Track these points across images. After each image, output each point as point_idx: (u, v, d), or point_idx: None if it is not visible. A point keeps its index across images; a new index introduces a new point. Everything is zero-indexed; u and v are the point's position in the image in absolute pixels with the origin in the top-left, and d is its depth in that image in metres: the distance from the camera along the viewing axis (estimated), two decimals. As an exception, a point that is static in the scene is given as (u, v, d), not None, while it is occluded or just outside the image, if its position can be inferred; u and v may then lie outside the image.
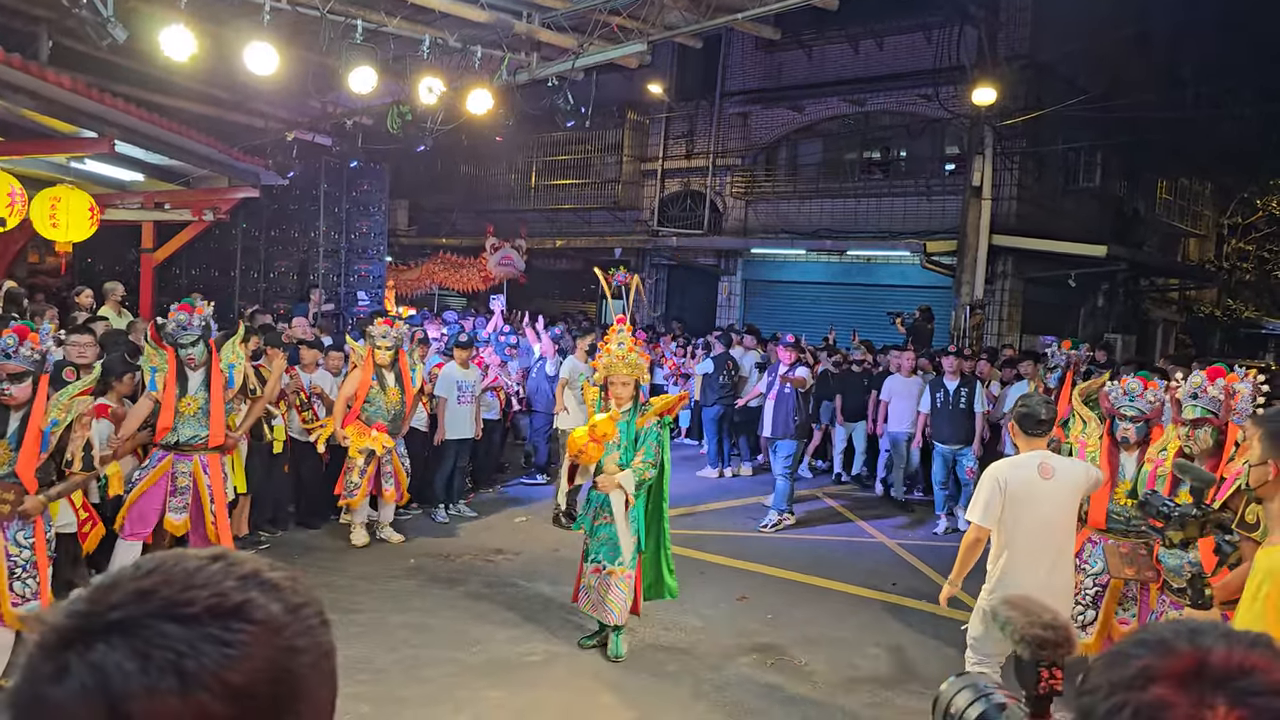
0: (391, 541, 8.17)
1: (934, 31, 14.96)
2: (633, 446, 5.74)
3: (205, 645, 0.76)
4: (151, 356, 6.34)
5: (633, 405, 5.81)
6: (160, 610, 0.77)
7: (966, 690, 1.36)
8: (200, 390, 6.33)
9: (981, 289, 14.60)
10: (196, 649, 0.75)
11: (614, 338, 5.83)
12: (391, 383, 8.05)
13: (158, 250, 12.81)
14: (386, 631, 6.06)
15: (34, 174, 10.42)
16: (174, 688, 0.73)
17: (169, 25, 8.65)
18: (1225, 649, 0.85)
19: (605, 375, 5.79)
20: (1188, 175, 21.20)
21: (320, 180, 15.05)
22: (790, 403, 9.51)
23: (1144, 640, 0.89)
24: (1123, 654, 0.88)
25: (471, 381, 9.25)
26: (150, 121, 9.62)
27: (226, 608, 0.78)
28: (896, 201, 16.32)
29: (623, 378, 5.74)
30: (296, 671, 0.80)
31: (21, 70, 7.80)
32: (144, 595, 0.78)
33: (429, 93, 10.49)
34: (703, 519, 9.76)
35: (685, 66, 18.49)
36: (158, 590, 0.79)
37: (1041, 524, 4.52)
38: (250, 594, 0.80)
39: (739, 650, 6.12)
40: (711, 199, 18.41)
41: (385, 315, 9.25)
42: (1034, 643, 1.30)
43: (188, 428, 6.28)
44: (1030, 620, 1.32)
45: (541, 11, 10.14)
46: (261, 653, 0.78)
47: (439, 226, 21.23)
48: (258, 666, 0.77)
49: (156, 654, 0.74)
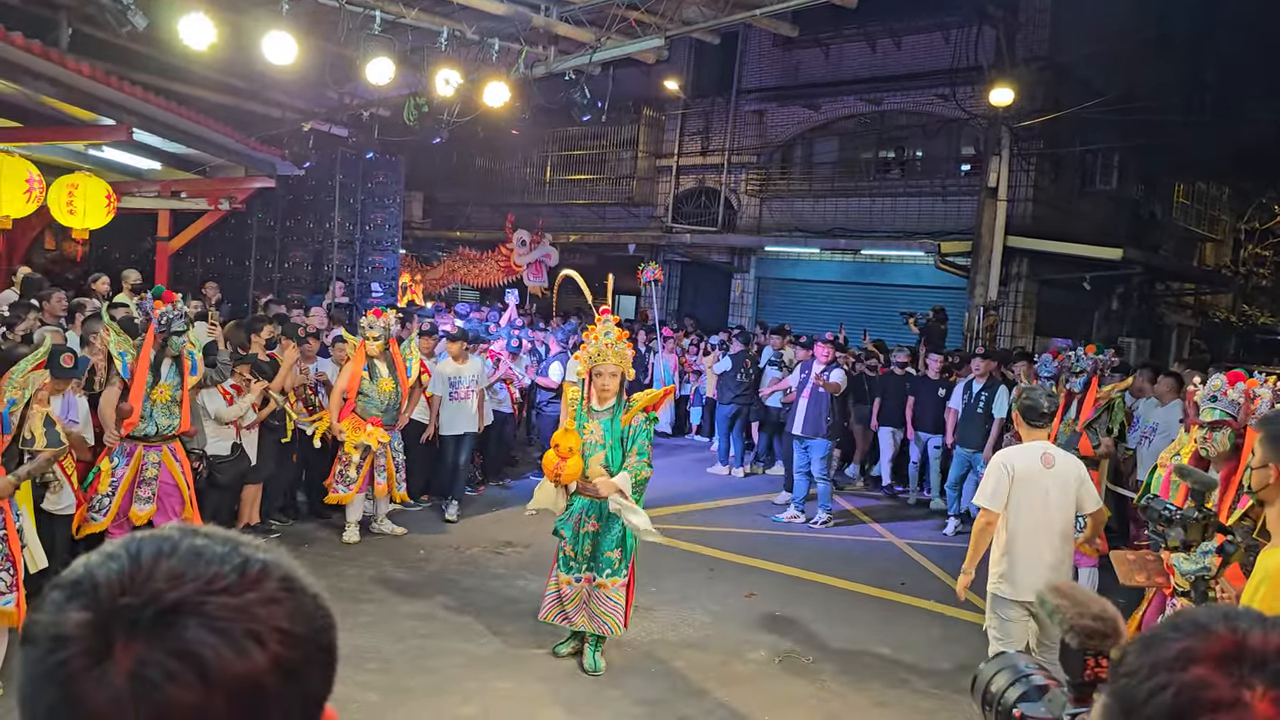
0: (394, 534, 8.17)
1: (952, 31, 14.90)
2: (619, 445, 5.42)
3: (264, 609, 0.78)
4: (118, 342, 6.15)
5: (616, 401, 5.48)
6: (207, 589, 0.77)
7: (1006, 671, 1.36)
8: (172, 377, 6.27)
9: (996, 290, 14.54)
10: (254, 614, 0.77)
11: (600, 326, 5.51)
12: (385, 373, 7.98)
13: (173, 239, 12.85)
14: (395, 622, 6.08)
15: (52, 160, 10.48)
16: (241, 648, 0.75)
17: (188, 13, 8.68)
18: (1262, 632, 0.87)
19: (591, 366, 5.47)
20: (1205, 179, 21.06)
21: (336, 171, 15.07)
22: (824, 402, 9.48)
23: (1180, 624, 0.90)
24: (1160, 637, 0.90)
25: (467, 376, 9.09)
26: (168, 109, 9.64)
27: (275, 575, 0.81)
28: (911, 201, 16.27)
29: (611, 368, 5.42)
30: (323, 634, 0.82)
31: (42, 57, 7.83)
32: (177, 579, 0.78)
33: (446, 85, 10.49)
34: (712, 516, 9.75)
35: (702, 63, 18.46)
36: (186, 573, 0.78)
37: (1043, 510, 4.78)
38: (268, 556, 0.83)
39: (748, 646, 6.12)
40: (726, 196, 18.39)
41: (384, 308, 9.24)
42: (1083, 632, 1.31)
43: (162, 416, 6.20)
44: (1080, 610, 1.33)
45: (560, 5, 10.14)
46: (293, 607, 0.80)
47: (453, 219, 21.26)
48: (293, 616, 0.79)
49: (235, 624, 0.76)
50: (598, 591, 5.45)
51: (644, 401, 5.46)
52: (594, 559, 5.47)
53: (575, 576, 5.47)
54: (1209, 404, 4.34)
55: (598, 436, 5.39)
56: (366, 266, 15.47)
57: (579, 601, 5.46)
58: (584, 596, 5.46)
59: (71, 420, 5.70)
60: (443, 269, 17.38)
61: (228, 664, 0.74)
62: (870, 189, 16.87)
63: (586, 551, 5.46)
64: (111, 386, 6.11)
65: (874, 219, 16.56)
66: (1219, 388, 4.32)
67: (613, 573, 5.45)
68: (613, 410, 5.46)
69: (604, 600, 5.45)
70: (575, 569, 5.48)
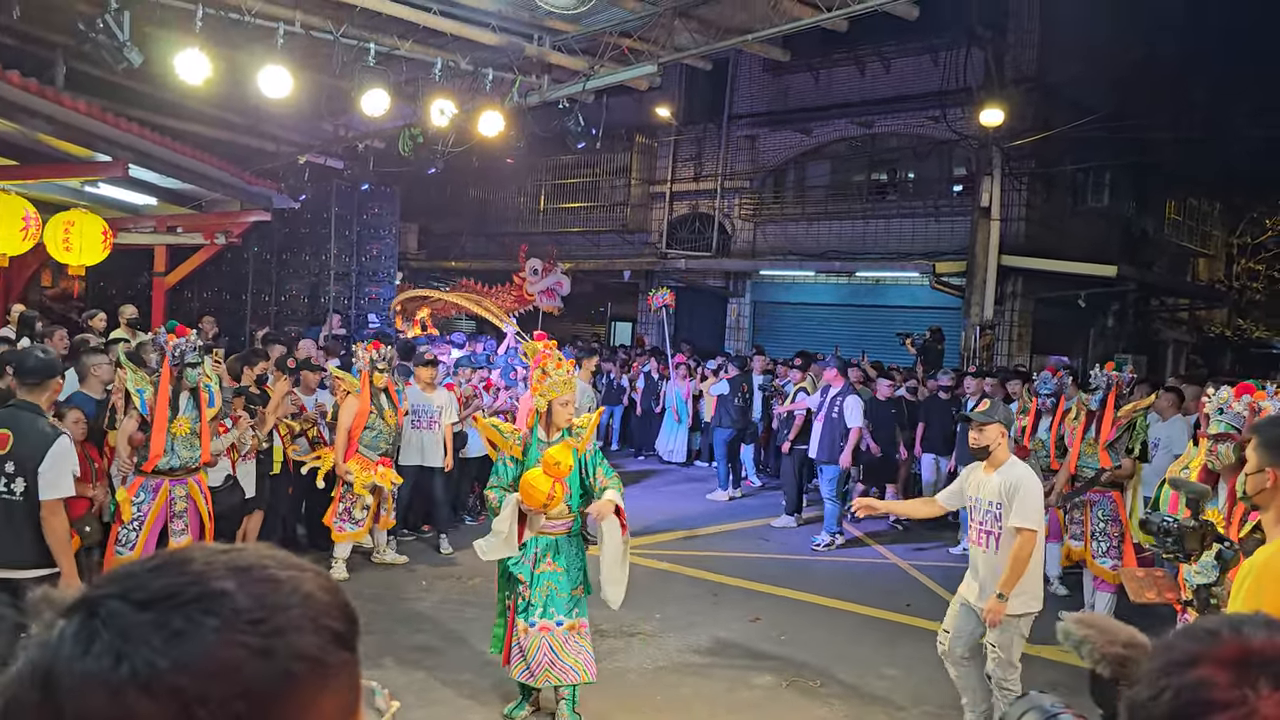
0: (396, 563, 8.11)
1: (941, 54, 15.04)
2: (577, 474, 5.06)
3: (155, 635, 0.68)
4: (135, 379, 6.07)
5: (564, 431, 5.13)
6: (125, 591, 0.71)
7: (1033, 712, 1.33)
8: (190, 410, 6.23)
9: (991, 309, 14.59)
10: (146, 638, 0.68)
11: (549, 357, 5.18)
12: (386, 405, 7.92)
13: (170, 274, 12.88)
14: (399, 654, 6.03)
15: (48, 198, 10.51)
16: (110, 677, 0.67)
17: (184, 49, 8.73)
18: (1267, 636, 0.88)
19: (550, 397, 5.08)
20: (1196, 195, 21.20)
21: (331, 203, 15.13)
22: (839, 428, 9.47)
23: (1190, 631, 0.92)
24: (1169, 644, 0.91)
25: (436, 406, 8.64)
26: (164, 145, 9.70)
27: (195, 596, 0.71)
28: (905, 223, 16.34)
29: (568, 396, 5.12)
30: (253, 678, 0.69)
31: (38, 95, 7.89)
32: (122, 577, 0.73)
33: (440, 115, 10.56)
34: (713, 541, 9.71)
35: (693, 90, 18.59)
36: (140, 574, 0.73)
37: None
38: (228, 584, 0.72)
39: (753, 671, 6.07)
40: (720, 221, 18.46)
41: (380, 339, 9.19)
42: (1115, 661, 1.28)
43: (183, 449, 6.16)
44: (1109, 639, 1.29)
45: (552, 34, 10.22)
46: (216, 651, 0.69)
47: (448, 250, 21.32)
48: (206, 667, 0.68)
49: (104, 636, 0.68)
50: (566, 635, 4.97)
51: (591, 426, 5.23)
52: (553, 601, 4.97)
53: (530, 622, 4.95)
54: (1216, 416, 4.33)
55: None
56: (363, 298, 15.50)
57: (540, 651, 4.93)
58: (546, 646, 4.93)
59: None
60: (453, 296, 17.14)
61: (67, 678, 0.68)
62: (863, 211, 16.96)
63: (543, 593, 4.97)
64: (129, 418, 6.08)
65: (868, 241, 16.62)
66: (1225, 400, 4.32)
67: (580, 613, 5.05)
68: (562, 440, 5.11)
69: (571, 645, 4.97)
70: (530, 614, 4.95)
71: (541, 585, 4.96)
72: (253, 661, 0.70)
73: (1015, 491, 4.74)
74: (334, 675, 0.75)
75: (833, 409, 9.53)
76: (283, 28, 9.05)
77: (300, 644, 0.73)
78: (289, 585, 0.75)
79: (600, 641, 6.09)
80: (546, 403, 5.09)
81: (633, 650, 6.32)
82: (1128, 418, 7.17)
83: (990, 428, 4.87)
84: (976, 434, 4.88)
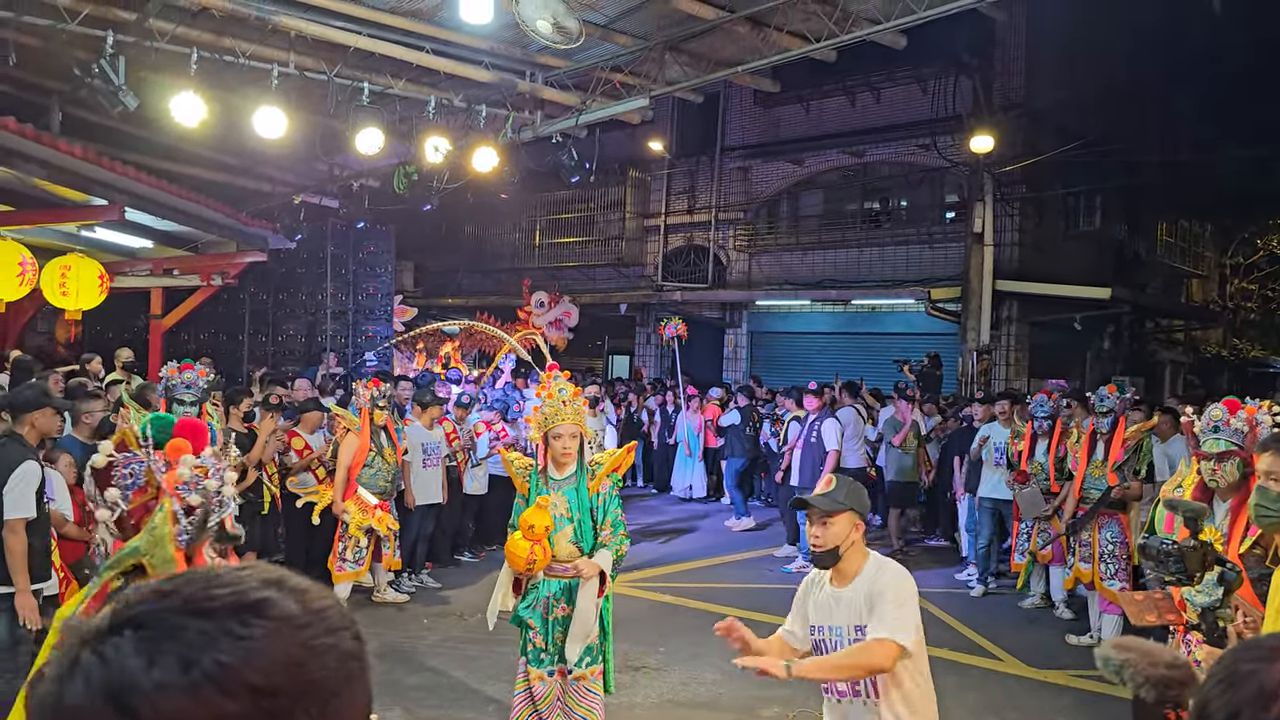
0: (396, 602, 8.05)
1: (929, 82, 15.18)
2: (589, 517, 4.66)
3: (220, 639, 0.73)
4: (138, 418, 5.87)
5: (578, 466, 4.71)
6: (177, 606, 0.75)
7: None
8: None
9: (987, 334, 14.61)
10: (211, 642, 0.73)
11: (552, 382, 4.77)
12: (386, 444, 7.85)
13: (166, 316, 12.87)
14: (400, 693, 5.97)
15: (44, 243, 10.52)
16: (183, 682, 0.70)
17: (179, 92, 8.81)
18: None
19: (547, 428, 4.67)
20: (1187, 217, 21.32)
21: (327, 242, 15.17)
22: (818, 453, 9.44)
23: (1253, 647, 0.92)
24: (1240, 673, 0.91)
25: (438, 442, 8.76)
26: (160, 188, 9.74)
27: (244, 603, 0.76)
28: (899, 250, 16.41)
29: (570, 428, 4.65)
30: (316, 673, 0.76)
31: (34, 140, 7.93)
32: (163, 594, 0.77)
33: (435, 152, 10.63)
34: (716, 572, 9.66)
35: (685, 123, 18.72)
36: (178, 590, 0.77)
37: None
38: (269, 593, 0.78)
39: (760, 703, 6.02)
40: (715, 253, 18.52)
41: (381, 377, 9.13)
42: (1159, 683, 1.25)
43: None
44: (1151, 661, 1.27)
45: (544, 70, 10.32)
46: (278, 649, 0.74)
47: (445, 287, 21.35)
48: (274, 663, 0.74)
49: (168, 646, 0.72)
50: (575, 685, 4.66)
51: (610, 465, 4.79)
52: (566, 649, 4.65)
53: (548, 671, 4.65)
54: (1212, 435, 4.31)
55: (562, 509, 4.62)
56: (360, 336, 15.49)
57: (552, 700, 4.66)
58: (558, 693, 4.67)
59: (48, 498, 5.58)
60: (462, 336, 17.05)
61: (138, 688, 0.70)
62: (857, 239, 17.03)
63: (558, 640, 4.64)
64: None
65: (862, 269, 16.68)
66: (1219, 418, 4.30)
67: (591, 660, 4.70)
68: (575, 478, 4.69)
69: (583, 695, 4.67)
70: (546, 662, 4.65)
71: (555, 631, 4.65)
72: (313, 659, 0.76)
73: (881, 598, 3.30)
74: (368, 676, 0.82)
75: (811, 434, 9.52)
76: (277, 69, 9.14)
77: (346, 645, 0.79)
78: (315, 593, 0.81)
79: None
80: (543, 435, 4.71)
81: (638, 684, 6.26)
82: (1135, 439, 7.17)
83: (838, 519, 3.33)
84: (818, 531, 3.33)
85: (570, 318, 16.68)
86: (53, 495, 5.62)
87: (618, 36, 9.73)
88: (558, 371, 4.90)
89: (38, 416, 5.07)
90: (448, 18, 9.07)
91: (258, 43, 9.17)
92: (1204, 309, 21.49)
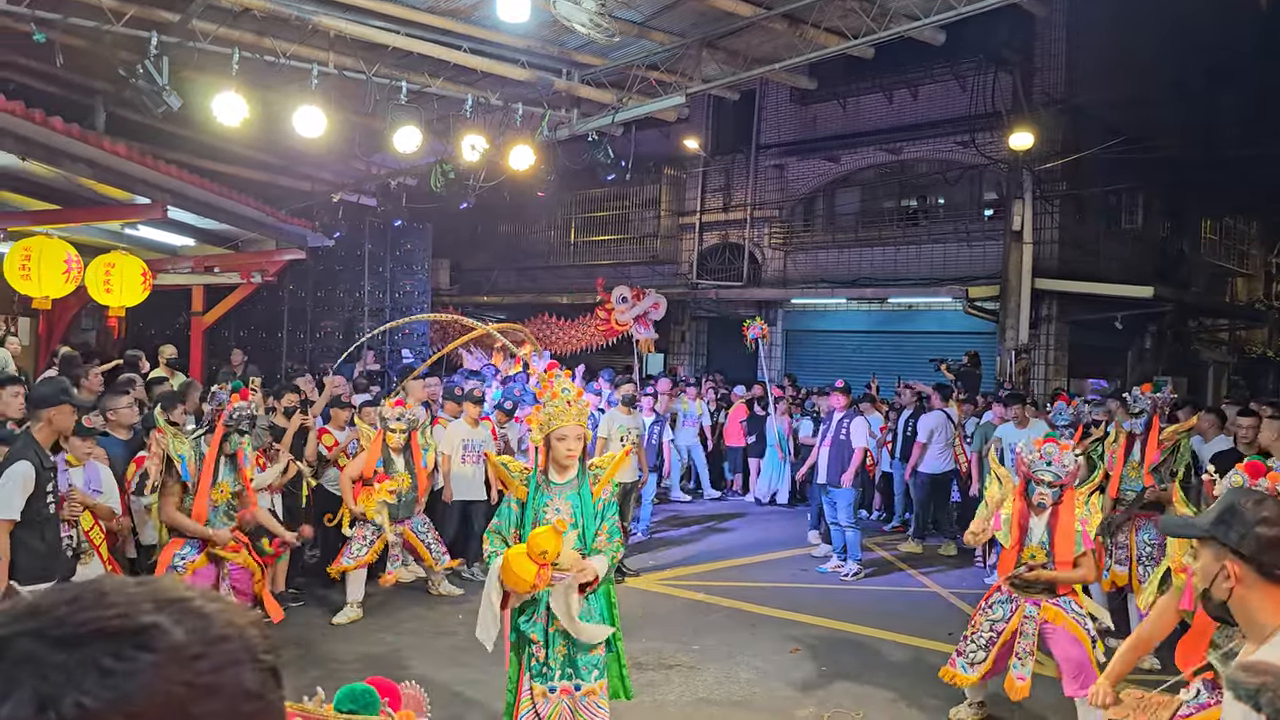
0: (452, 595, 8.10)
1: (968, 79, 15.02)
2: (592, 523, 4.40)
3: (87, 675, 0.62)
4: (176, 443, 5.90)
5: (579, 469, 4.47)
6: (42, 629, 0.64)
7: None
8: (228, 475, 6.06)
9: (1026, 333, 14.44)
10: (73, 678, 0.62)
11: (555, 383, 4.51)
12: (400, 468, 7.65)
13: (208, 313, 13.08)
14: (436, 688, 6.00)
15: (89, 241, 10.72)
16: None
17: (220, 92, 8.92)
18: None
19: (549, 429, 4.41)
20: (1232, 214, 20.94)
21: (364, 240, 15.31)
22: (845, 451, 9.40)
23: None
24: None
25: (482, 440, 8.71)
26: (202, 186, 9.88)
27: (124, 630, 0.65)
28: (936, 248, 16.26)
29: (574, 429, 4.40)
30: (201, 717, 0.65)
31: (80, 140, 8.07)
32: (35, 613, 0.66)
33: (472, 150, 10.69)
34: (750, 571, 9.63)
35: (720, 121, 18.69)
36: (53, 608, 0.66)
37: None
38: (158, 618, 0.67)
39: (794, 703, 5.99)
40: (750, 251, 18.46)
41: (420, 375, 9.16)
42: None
43: (218, 520, 5.95)
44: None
45: (581, 69, 10.33)
46: (158, 688, 0.64)
47: (480, 285, 21.47)
48: (151, 705, 0.63)
49: (26, 680, 0.62)
50: (584, 702, 4.40)
51: (612, 469, 4.58)
52: (572, 662, 4.38)
53: (550, 687, 4.37)
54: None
55: (565, 515, 4.37)
56: (396, 333, 15.61)
57: (559, 718, 4.41)
58: (567, 713, 4.40)
59: (95, 490, 5.65)
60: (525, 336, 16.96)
61: None
62: (894, 238, 16.89)
63: (561, 653, 4.38)
64: (169, 495, 5.86)
65: (899, 267, 16.55)
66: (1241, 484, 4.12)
67: (599, 674, 4.44)
68: (577, 481, 4.44)
69: (594, 712, 4.42)
70: (549, 676, 4.38)
71: (558, 644, 4.36)
72: (199, 701, 0.65)
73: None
74: (276, 714, 0.71)
75: (840, 431, 9.46)
76: (317, 69, 9.23)
77: (245, 681, 0.69)
78: (220, 619, 0.70)
79: (639, 674, 6.03)
80: (543, 437, 4.44)
81: (672, 682, 6.26)
82: (1171, 441, 7.05)
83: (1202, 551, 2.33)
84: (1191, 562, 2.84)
85: (659, 310, 16.51)
86: (100, 487, 5.72)
87: (654, 34, 9.72)
88: (558, 370, 4.66)
89: (55, 413, 4.92)
90: (485, 16, 9.12)
91: (298, 43, 9.27)
92: (1249, 308, 21.09)
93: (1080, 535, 5.15)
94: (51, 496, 4.90)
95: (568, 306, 18.89)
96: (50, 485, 4.89)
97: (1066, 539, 5.14)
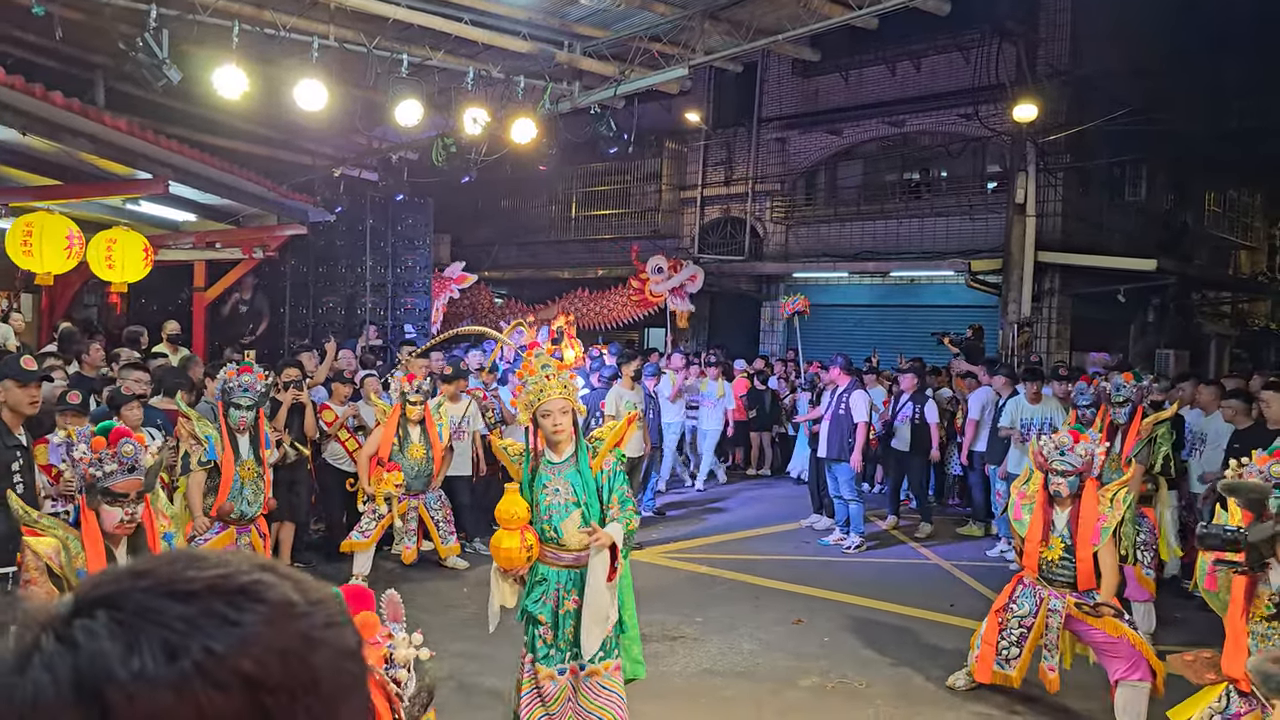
0: (459, 569, 8.15)
1: (971, 50, 14.92)
2: (595, 498, 4.26)
3: (209, 623, 0.63)
4: (201, 425, 5.99)
5: (576, 445, 4.31)
6: (154, 586, 0.65)
7: None
8: (249, 454, 6.13)
9: (1029, 307, 14.43)
10: (197, 627, 0.63)
11: (536, 358, 4.37)
12: (416, 439, 7.71)
13: (209, 289, 13.06)
14: (443, 660, 6.05)
15: (90, 217, 10.69)
16: (168, 672, 0.61)
17: (220, 66, 8.87)
18: None
19: (534, 407, 4.24)
20: (1236, 186, 20.86)
21: (366, 215, 15.26)
22: (846, 425, 9.41)
23: None
24: None
25: (458, 416, 8.40)
26: (203, 161, 9.84)
27: (234, 586, 0.66)
28: (939, 221, 16.21)
29: (559, 403, 4.21)
30: (316, 667, 0.66)
31: (81, 114, 8.03)
32: (138, 574, 0.67)
33: (473, 124, 10.64)
34: (753, 544, 9.68)
35: (722, 94, 18.59)
36: (155, 569, 0.67)
37: None
38: (263, 575, 0.68)
39: (798, 673, 6.04)
40: (752, 224, 18.42)
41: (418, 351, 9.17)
42: None
43: (250, 494, 6.06)
44: None
45: (583, 41, 10.26)
46: (275, 638, 0.65)
47: (481, 260, 21.43)
48: (271, 653, 0.64)
49: (150, 631, 0.62)
50: (589, 682, 4.27)
51: (612, 439, 4.41)
52: (579, 643, 4.22)
53: (558, 668, 4.27)
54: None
55: (567, 494, 4.22)
56: (399, 309, 15.61)
57: (563, 700, 4.28)
58: (569, 693, 4.29)
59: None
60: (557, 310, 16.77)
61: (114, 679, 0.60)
62: (897, 211, 16.84)
63: (569, 634, 4.25)
64: (195, 473, 5.94)
65: (902, 240, 16.51)
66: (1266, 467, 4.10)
67: (605, 654, 4.28)
68: (575, 458, 4.28)
69: (598, 692, 4.27)
70: (557, 658, 4.28)
71: (567, 626, 4.26)
72: (314, 652, 0.67)
73: None
74: (368, 680, 0.73)
75: (839, 406, 9.46)
76: (317, 41, 9.17)
77: (349, 641, 0.71)
78: (311, 584, 0.72)
79: (644, 646, 6.07)
80: (531, 416, 4.29)
81: (676, 654, 6.31)
82: (1148, 431, 6.98)
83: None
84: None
85: (696, 281, 16.25)
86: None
87: (657, 5, 9.64)
88: (539, 349, 4.52)
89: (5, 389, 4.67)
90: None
91: (298, 15, 9.21)
92: (1252, 281, 21.04)
93: (1098, 530, 5.09)
94: (18, 477, 4.63)
95: (599, 280, 18.53)
96: (14, 465, 4.64)
97: (1087, 532, 5.11)
